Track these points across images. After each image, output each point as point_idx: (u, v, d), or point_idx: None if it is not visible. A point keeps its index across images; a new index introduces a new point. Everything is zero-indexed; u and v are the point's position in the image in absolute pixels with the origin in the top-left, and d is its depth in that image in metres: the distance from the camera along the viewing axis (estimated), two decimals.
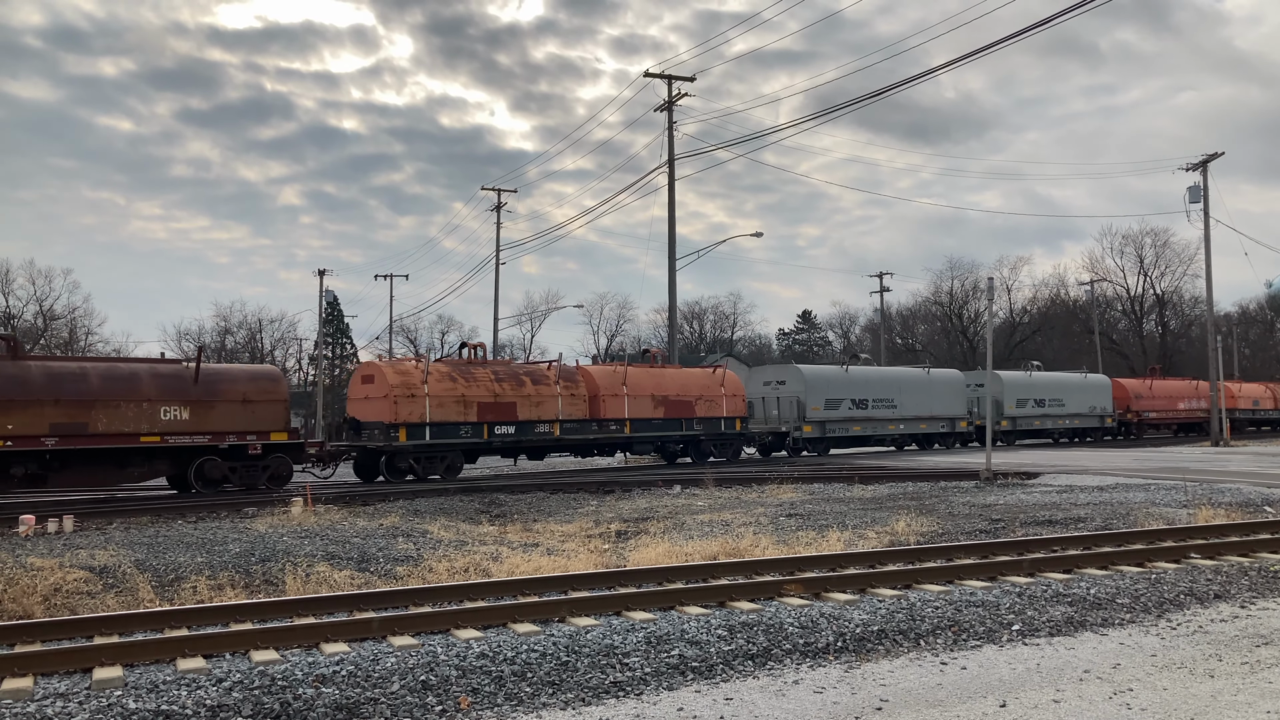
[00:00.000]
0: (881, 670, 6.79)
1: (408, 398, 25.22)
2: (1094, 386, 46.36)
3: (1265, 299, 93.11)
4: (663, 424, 30.37)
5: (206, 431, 21.71)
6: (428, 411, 25.44)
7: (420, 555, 12.41)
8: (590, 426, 28.62)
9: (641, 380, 30.33)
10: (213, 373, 22.76)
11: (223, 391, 22.17)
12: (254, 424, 22.32)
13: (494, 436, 26.76)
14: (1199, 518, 14.52)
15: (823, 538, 13.24)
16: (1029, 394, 42.74)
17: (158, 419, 21.15)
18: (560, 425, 27.86)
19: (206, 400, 21.77)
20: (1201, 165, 43.97)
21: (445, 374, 26.34)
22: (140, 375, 21.52)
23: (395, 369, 26.15)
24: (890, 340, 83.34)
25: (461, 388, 26.33)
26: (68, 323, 67.27)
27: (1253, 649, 7.19)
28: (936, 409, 38.48)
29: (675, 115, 40.01)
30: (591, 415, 28.75)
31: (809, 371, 36.72)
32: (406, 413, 25.13)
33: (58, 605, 9.79)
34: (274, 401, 22.80)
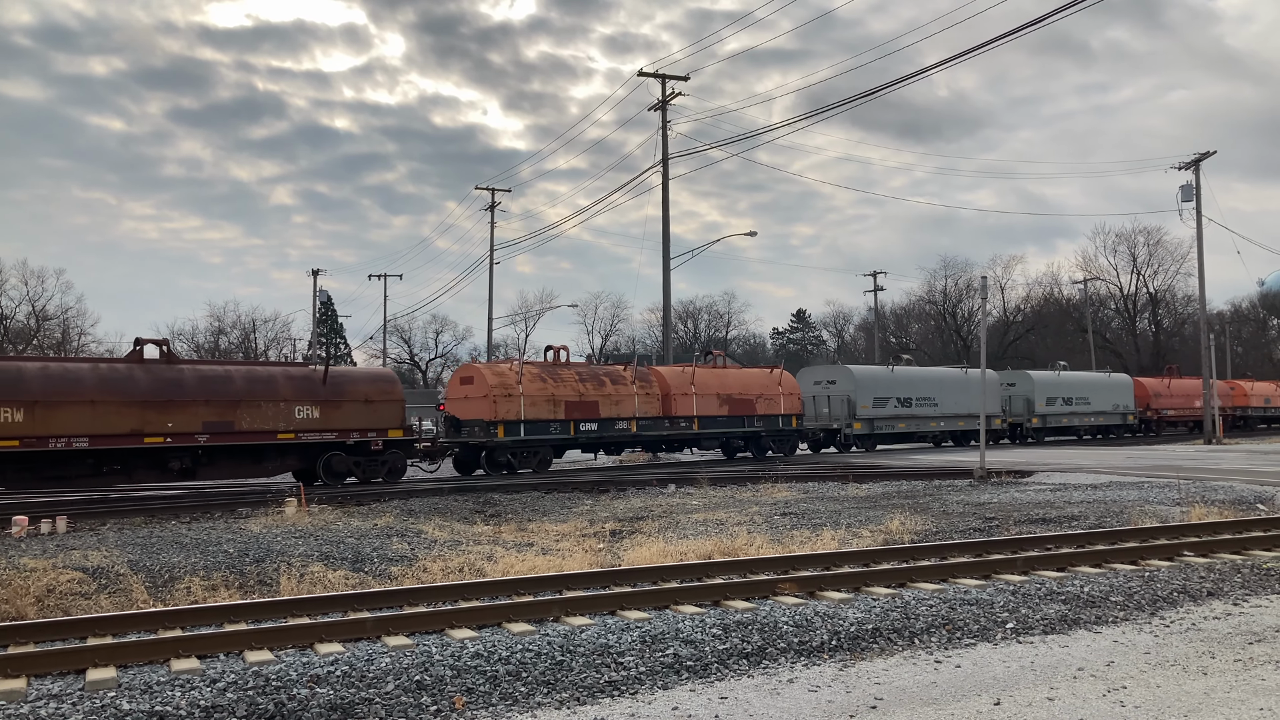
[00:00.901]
0: (876, 669, 6.80)
1: (505, 397, 27.28)
2: (1117, 385, 47.98)
3: (1258, 297, 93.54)
4: (727, 421, 32.11)
5: (334, 429, 23.45)
6: (522, 410, 27.52)
7: (415, 555, 12.40)
8: (663, 424, 30.58)
9: (708, 380, 32.18)
10: (339, 375, 24.56)
11: (348, 392, 23.97)
12: (375, 422, 24.06)
13: (579, 433, 28.75)
14: (1192, 516, 14.56)
15: (817, 536, 13.26)
16: (1058, 393, 44.34)
17: (292, 418, 22.94)
18: (636, 422, 29.85)
19: (334, 400, 23.58)
20: (1194, 164, 44.08)
21: (536, 375, 28.44)
22: (277, 378, 23.39)
23: (493, 371, 28.28)
24: (884, 339, 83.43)
25: (551, 388, 28.39)
26: (60, 323, 67.09)
27: (1246, 646, 7.22)
28: (973, 407, 39.72)
29: (669, 114, 40.05)
30: (664, 413, 30.66)
31: (859, 371, 38.52)
32: (504, 411, 27.14)
33: (51, 606, 9.76)
34: (392, 402, 24.64)
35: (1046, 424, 43.79)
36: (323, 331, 79.26)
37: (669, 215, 40.15)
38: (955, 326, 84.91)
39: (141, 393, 21.17)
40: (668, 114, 39.98)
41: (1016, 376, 44.37)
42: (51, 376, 20.58)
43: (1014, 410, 42.53)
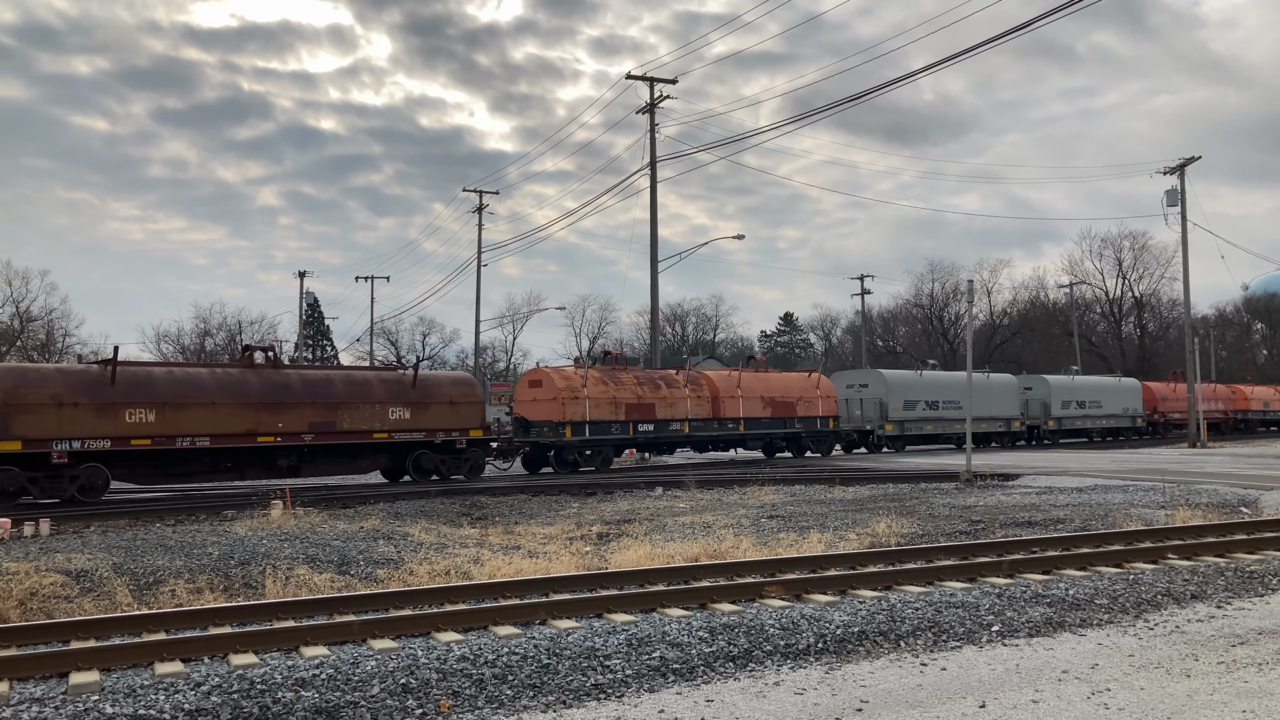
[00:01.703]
0: (862, 671, 6.81)
1: (572, 399, 29.10)
2: (1127, 389, 50.07)
3: (1242, 301, 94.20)
4: (770, 422, 34.02)
5: (423, 429, 25.14)
6: (587, 411, 29.36)
7: (401, 558, 12.37)
8: (712, 424, 32.51)
9: (752, 384, 34.03)
10: (427, 379, 26.12)
11: (435, 395, 25.60)
12: (458, 422, 25.83)
13: (638, 433, 30.75)
14: (1176, 519, 14.64)
15: (804, 539, 13.28)
16: (1072, 396, 46.40)
17: (386, 418, 24.62)
18: (689, 424, 31.86)
19: (422, 402, 25.22)
20: (1179, 169, 44.35)
21: (599, 379, 30.25)
22: (371, 381, 25.18)
23: (561, 374, 30.02)
24: (871, 343, 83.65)
25: (612, 390, 30.26)
26: (45, 324, 66.67)
27: (1229, 649, 7.26)
28: (995, 410, 41.94)
29: (656, 117, 40.07)
30: (713, 415, 32.58)
31: (891, 376, 40.16)
32: (571, 412, 28.95)
33: (34, 609, 9.70)
34: (473, 403, 26.47)
35: (1062, 426, 45.57)
36: (309, 333, 79.02)
37: (657, 218, 40.19)
38: (942, 330, 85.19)
39: (255, 395, 22.78)
40: (655, 117, 40.02)
41: (1033, 381, 46.13)
42: (177, 380, 22.32)
43: (1031, 413, 44.39)
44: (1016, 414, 43.39)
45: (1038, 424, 44.83)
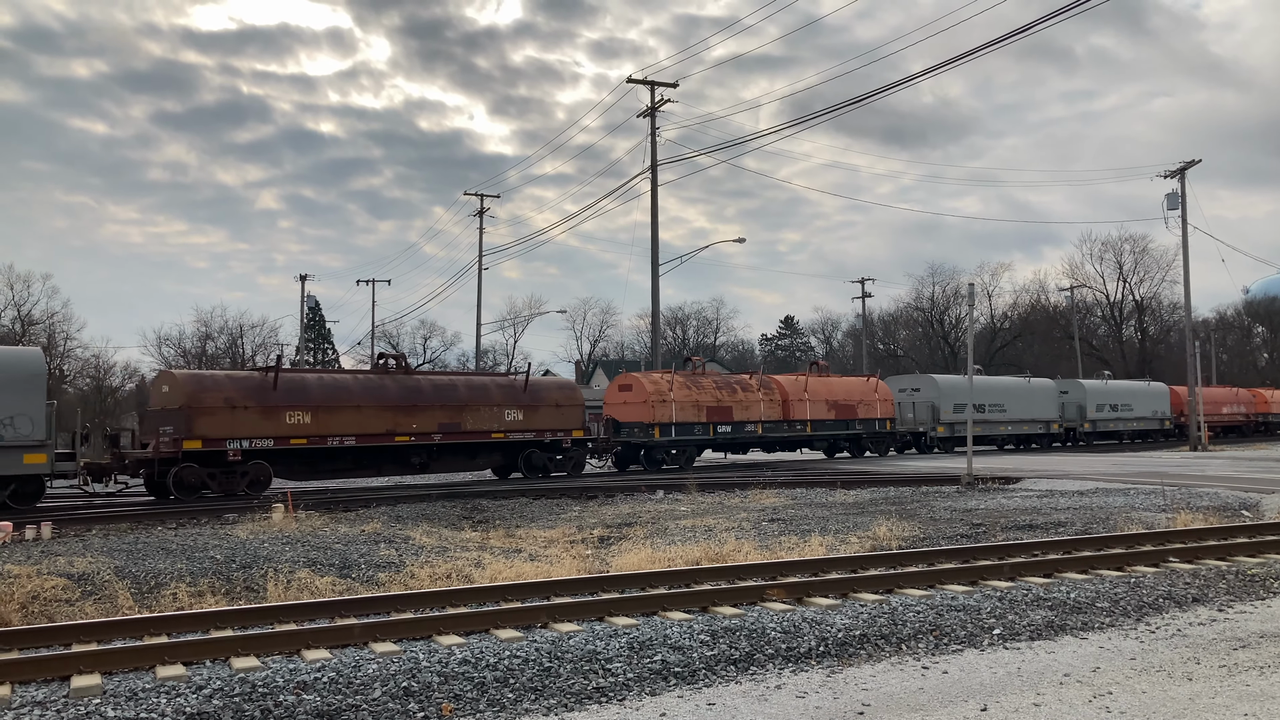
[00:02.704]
0: (863, 675, 6.81)
1: (660, 402, 31.45)
2: (1156, 393, 52.06)
3: (1242, 305, 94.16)
4: (833, 424, 36.31)
5: (533, 429, 27.30)
6: (673, 413, 31.64)
7: (402, 561, 12.37)
8: (783, 426, 34.76)
9: (818, 388, 36.23)
10: (536, 383, 28.31)
11: (543, 398, 27.76)
12: (563, 423, 27.93)
13: (717, 434, 33.02)
14: (1177, 522, 14.63)
15: (805, 543, 13.28)
16: (1105, 400, 48.26)
17: (502, 420, 26.79)
18: (762, 425, 34.04)
19: (533, 405, 27.38)
20: (1179, 172, 44.34)
21: (683, 383, 32.51)
22: (489, 386, 27.30)
23: (649, 379, 32.37)
24: (872, 346, 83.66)
25: (695, 394, 32.55)
26: (46, 328, 66.68)
27: (1230, 652, 7.25)
28: (1035, 413, 44.28)
29: (657, 121, 40.07)
30: (783, 417, 34.80)
31: (943, 380, 42.08)
32: (659, 415, 31.29)
33: (35, 613, 9.71)
34: (575, 406, 28.58)
35: (1096, 429, 47.47)
36: (310, 337, 79.03)
37: (658, 222, 40.20)
38: (943, 333, 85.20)
39: (392, 399, 24.92)
40: (656, 120, 40.02)
41: (1070, 385, 48.33)
42: (327, 385, 24.52)
43: (1068, 416, 46.24)
44: (1055, 416, 45.37)
45: (1074, 426, 46.57)
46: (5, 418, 19.04)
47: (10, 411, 19.06)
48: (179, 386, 22.52)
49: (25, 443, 19.21)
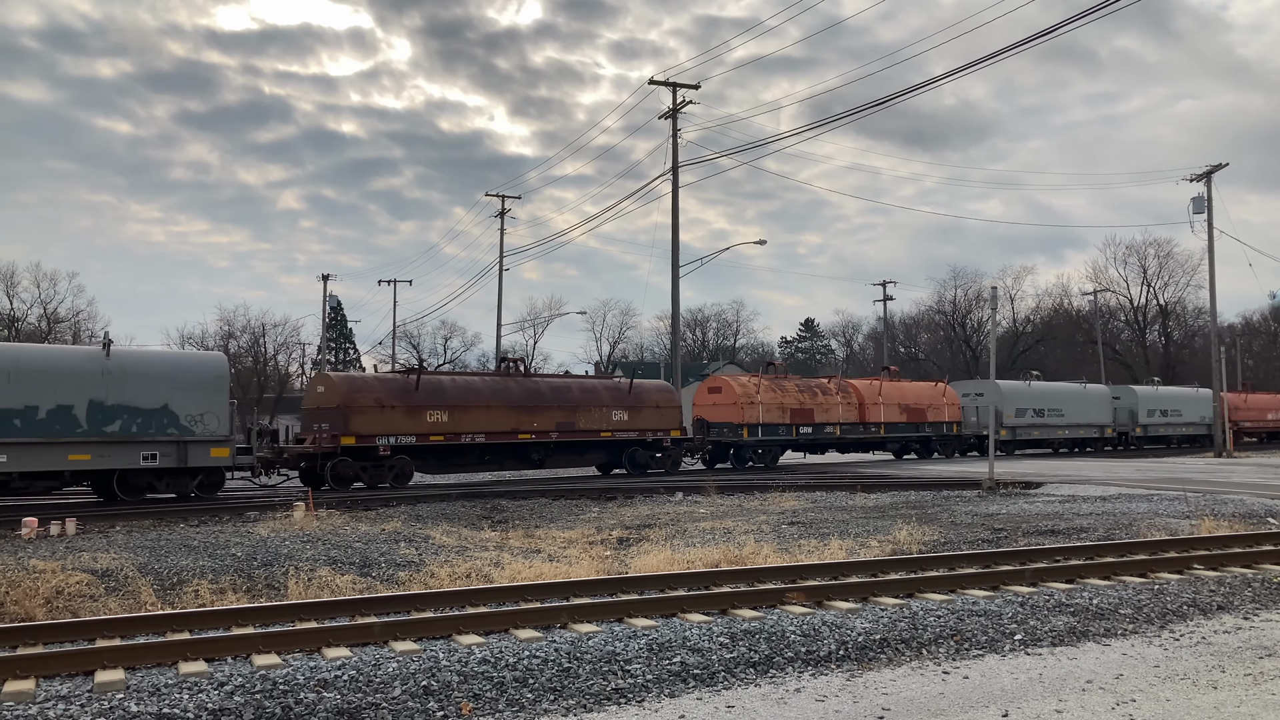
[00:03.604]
0: (883, 679, 6.78)
1: (749, 404, 33.25)
2: (1203, 399, 52.17)
3: (1269, 310, 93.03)
4: (905, 427, 38.07)
5: (636, 429, 29.20)
6: (760, 415, 33.51)
7: (422, 560, 12.41)
8: (859, 428, 36.68)
9: (891, 392, 37.99)
10: (639, 386, 30.23)
11: (645, 400, 29.60)
12: (662, 423, 29.84)
13: (799, 435, 34.96)
14: (1202, 528, 14.50)
15: (825, 546, 13.23)
16: (1156, 405, 49.75)
17: (610, 420, 28.65)
18: (840, 427, 35.98)
19: (636, 406, 29.24)
20: (1205, 176, 43.94)
21: (769, 386, 34.42)
22: (598, 388, 29.35)
23: (738, 382, 34.42)
24: (893, 349, 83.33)
25: (779, 397, 34.35)
26: (71, 326, 67.37)
27: (1256, 660, 7.18)
28: (1090, 417, 46.00)
29: (678, 122, 40.02)
30: (859, 419, 36.68)
31: (1005, 386, 43.17)
32: (748, 416, 33.14)
33: (60, 608, 9.80)
34: (673, 408, 30.45)
35: (1147, 433, 48.90)
36: (332, 336, 79.45)
37: (679, 224, 40.15)
38: (964, 337, 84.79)
39: (516, 400, 26.95)
40: (677, 122, 39.97)
41: (1122, 391, 49.72)
42: (460, 386, 26.59)
43: (1120, 421, 47.76)
44: (1109, 421, 46.91)
45: (1126, 431, 47.96)
46: (196, 415, 21.02)
47: (200, 409, 21.07)
48: (335, 388, 24.84)
49: (212, 438, 21.20)
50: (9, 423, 19.06)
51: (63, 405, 19.63)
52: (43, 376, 19.57)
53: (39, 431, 19.34)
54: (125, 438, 20.18)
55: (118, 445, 20.11)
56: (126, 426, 20.21)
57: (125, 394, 20.26)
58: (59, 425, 19.55)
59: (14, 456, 19.06)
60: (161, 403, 20.65)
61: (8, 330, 62.52)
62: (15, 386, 19.16)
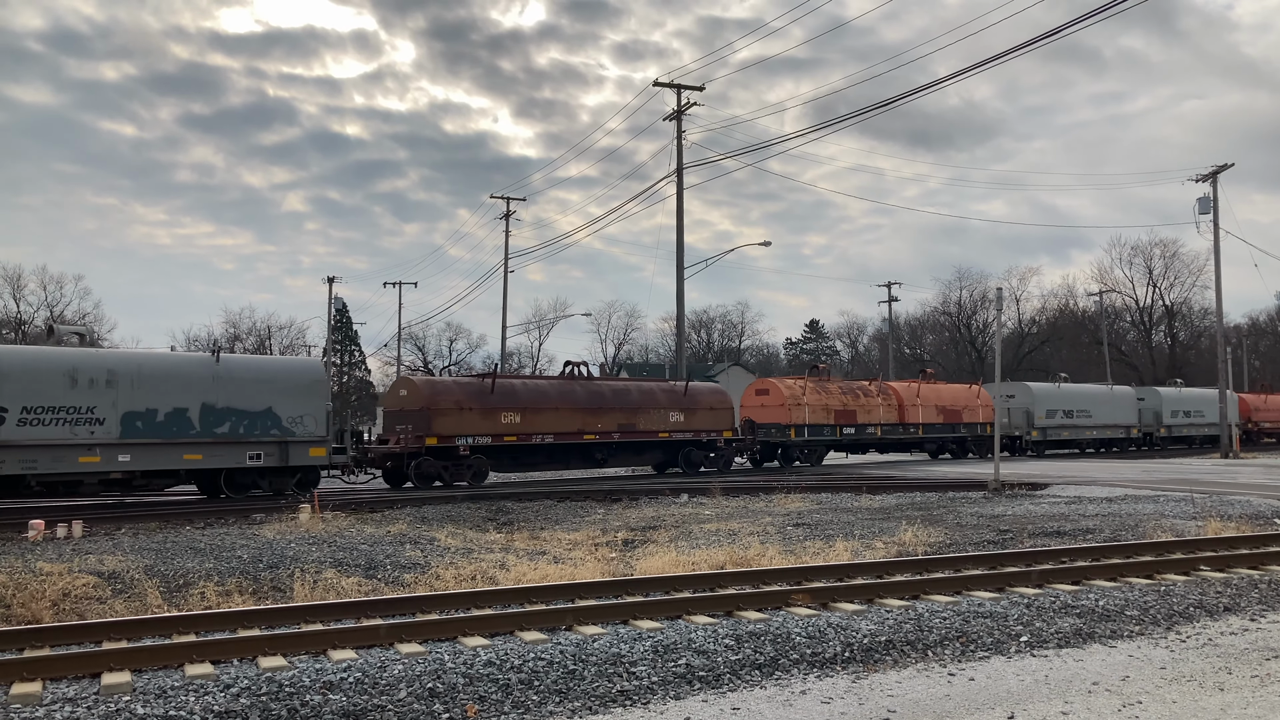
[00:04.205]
0: (889, 681, 6.78)
1: (796, 405, 34.71)
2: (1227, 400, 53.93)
3: (1275, 310, 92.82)
4: (942, 428, 39.46)
5: (691, 430, 30.50)
6: (806, 416, 34.94)
7: (428, 563, 12.42)
8: (898, 429, 38.04)
9: (928, 394, 39.36)
10: (693, 388, 31.62)
11: (700, 402, 30.92)
12: (716, 424, 31.10)
13: (843, 435, 36.31)
14: (1208, 530, 14.46)
15: (830, 548, 13.22)
16: (1179, 406, 51.00)
17: (667, 421, 30.02)
18: (881, 428, 37.35)
19: (691, 408, 30.59)
20: (1211, 176, 43.83)
21: (814, 388, 35.84)
22: (656, 391, 30.73)
23: (784, 385, 35.81)
24: (898, 350, 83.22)
25: (824, 399, 35.83)
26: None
27: (1263, 662, 7.16)
28: (1116, 418, 47.21)
29: (683, 124, 40.01)
30: (899, 420, 38.03)
31: (1037, 388, 44.90)
32: (794, 417, 34.57)
33: (66, 610, 9.83)
34: (726, 409, 31.69)
35: (1171, 433, 50.03)
36: (338, 339, 79.53)
37: (683, 225, 40.15)
38: (970, 338, 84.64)
39: (581, 402, 28.22)
40: (682, 123, 39.96)
41: (1146, 392, 51.03)
42: (531, 389, 28.04)
43: (1145, 422, 48.91)
44: (1134, 422, 48.10)
45: (1151, 431, 49.13)
46: (296, 417, 22.30)
47: (300, 412, 22.37)
48: (418, 391, 26.35)
49: (310, 438, 22.46)
50: (132, 424, 20.38)
51: (179, 408, 20.98)
52: (161, 382, 20.92)
53: (158, 433, 20.68)
54: (233, 438, 21.53)
55: (227, 445, 21.48)
56: (234, 428, 21.54)
57: (233, 398, 21.60)
58: (175, 427, 20.91)
59: (136, 456, 20.43)
60: (265, 406, 21.94)
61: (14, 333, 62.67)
62: (137, 391, 20.52)
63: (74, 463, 19.82)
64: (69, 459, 19.72)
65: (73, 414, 19.77)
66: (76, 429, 19.79)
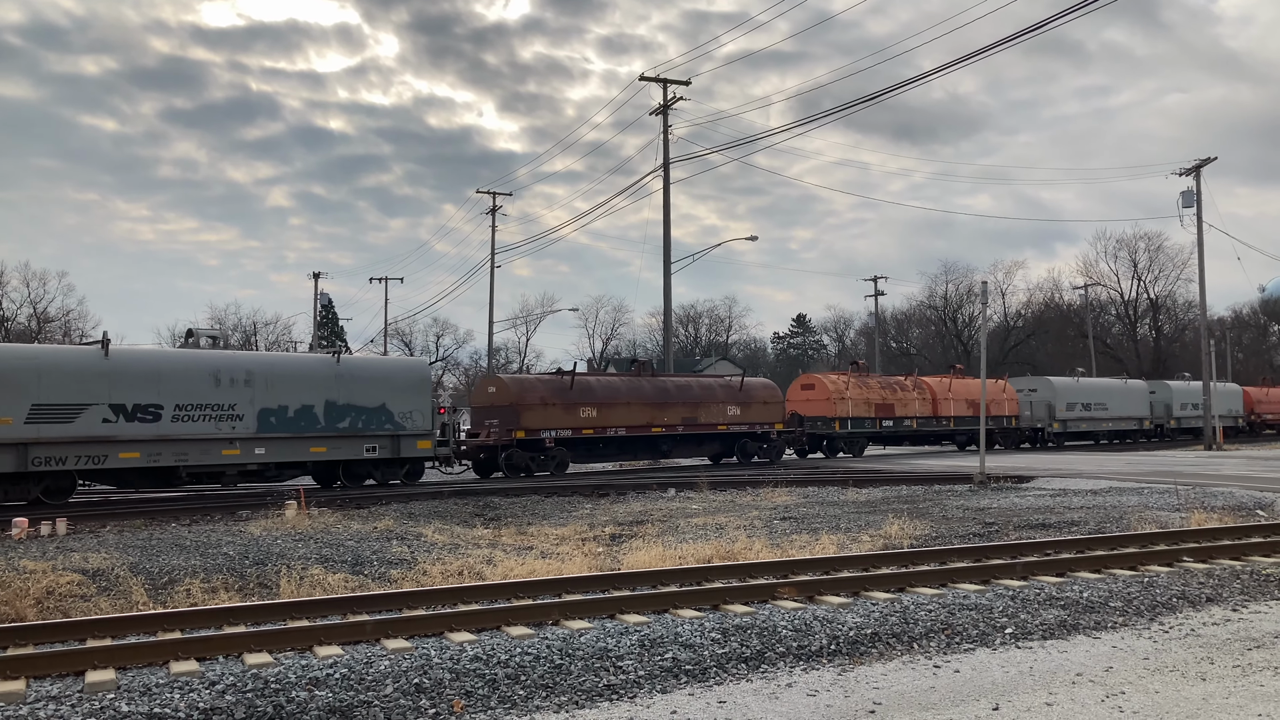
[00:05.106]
0: (875, 673, 6.81)
1: (840, 399, 37.03)
2: (1231, 393, 56.69)
3: (1259, 303, 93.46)
4: (971, 420, 40.79)
5: (746, 422, 32.30)
6: (849, 409, 37.26)
7: (414, 558, 12.41)
8: (932, 422, 40.43)
9: (959, 389, 41.48)
10: (748, 383, 33.43)
11: (754, 396, 32.83)
12: (768, 417, 32.99)
13: (882, 428, 38.65)
14: (1191, 521, 14.56)
15: (816, 541, 13.26)
16: (1188, 399, 52.74)
17: (725, 414, 31.81)
18: (916, 420, 39.74)
19: (746, 402, 32.43)
20: (1195, 170, 44.05)
21: (856, 383, 38.30)
22: (715, 386, 32.74)
23: (829, 380, 38.31)
24: (885, 344, 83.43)
25: (865, 393, 38.17)
26: (62, 325, 67.09)
27: (1244, 652, 7.22)
28: (1130, 411, 49.68)
29: (668, 118, 39.98)
30: (933, 414, 40.34)
31: (1057, 382, 46.90)
32: (839, 410, 36.89)
33: (50, 608, 9.77)
34: (777, 403, 33.87)
35: (1180, 425, 52.08)
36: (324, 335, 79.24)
37: (670, 220, 40.13)
38: (956, 331, 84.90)
39: (649, 397, 30.23)
40: (668, 118, 39.93)
41: (1157, 386, 53.34)
42: (605, 386, 30.14)
43: (1156, 414, 51.22)
44: (1147, 414, 50.41)
45: (1162, 423, 51.22)
46: (406, 412, 24.31)
47: (410, 408, 24.40)
48: (506, 388, 28.33)
49: (418, 432, 24.56)
50: (267, 420, 22.36)
51: (306, 405, 22.98)
52: (291, 381, 22.94)
53: (289, 427, 22.69)
54: (353, 433, 23.59)
55: (347, 439, 23.55)
56: (354, 423, 23.59)
57: (352, 395, 23.65)
58: (303, 422, 22.90)
59: (270, 449, 22.48)
60: (380, 402, 23.98)
61: None
62: (271, 390, 22.51)
63: (218, 455, 21.78)
64: (214, 452, 21.70)
65: (217, 411, 21.78)
66: (220, 424, 21.78)
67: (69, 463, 20.05)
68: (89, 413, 20.30)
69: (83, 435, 20.15)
